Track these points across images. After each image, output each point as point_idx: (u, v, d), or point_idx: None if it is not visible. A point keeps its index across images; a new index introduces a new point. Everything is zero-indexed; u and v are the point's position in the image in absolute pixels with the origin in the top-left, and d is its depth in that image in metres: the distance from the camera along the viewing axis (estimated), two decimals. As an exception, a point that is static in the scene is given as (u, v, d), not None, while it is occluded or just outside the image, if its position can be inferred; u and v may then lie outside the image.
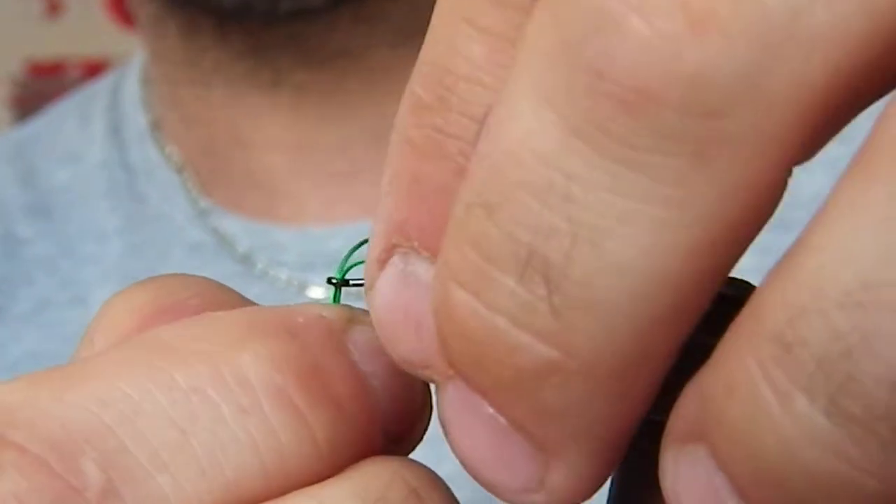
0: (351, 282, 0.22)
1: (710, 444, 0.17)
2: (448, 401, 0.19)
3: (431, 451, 0.23)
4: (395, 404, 0.21)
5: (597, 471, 0.19)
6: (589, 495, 0.19)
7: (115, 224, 0.60)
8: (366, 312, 0.21)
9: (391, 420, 0.21)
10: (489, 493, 0.19)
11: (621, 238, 0.16)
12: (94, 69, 1.41)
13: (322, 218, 0.57)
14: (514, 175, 0.17)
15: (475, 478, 0.19)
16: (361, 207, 0.56)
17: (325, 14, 0.54)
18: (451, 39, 0.19)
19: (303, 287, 0.57)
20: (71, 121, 0.65)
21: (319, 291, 0.57)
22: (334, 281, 0.23)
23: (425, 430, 0.22)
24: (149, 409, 0.19)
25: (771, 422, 0.16)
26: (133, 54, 0.67)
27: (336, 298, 0.23)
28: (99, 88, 0.66)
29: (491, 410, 0.18)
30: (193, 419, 0.19)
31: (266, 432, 0.19)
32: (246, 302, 0.22)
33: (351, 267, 0.23)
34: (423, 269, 0.19)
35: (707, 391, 0.17)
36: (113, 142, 0.62)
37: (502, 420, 0.18)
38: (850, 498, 0.16)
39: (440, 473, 0.21)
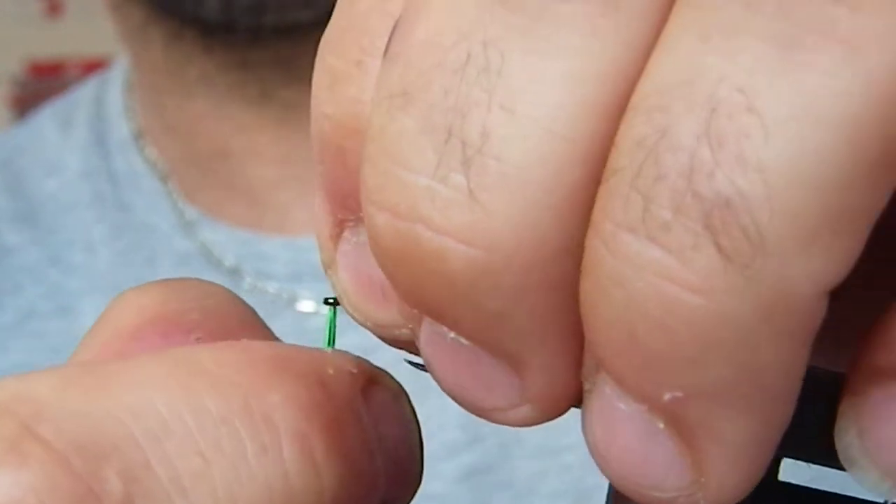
0: None
1: (592, 356, 0.17)
2: (423, 340, 0.19)
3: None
4: (396, 470, 0.21)
5: (567, 372, 0.18)
6: (570, 401, 0.19)
7: (101, 233, 0.60)
8: (384, 373, 0.21)
9: (391, 484, 0.21)
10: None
11: (533, 97, 0.16)
12: (93, 69, 1.40)
13: (308, 228, 0.57)
14: (432, 58, 0.17)
15: (467, 408, 0.19)
16: None
17: (312, 31, 0.53)
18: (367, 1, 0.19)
19: (292, 300, 0.56)
20: (52, 130, 0.64)
21: (308, 305, 0.56)
22: (331, 301, 0.22)
23: (412, 497, 0.22)
24: (177, 431, 0.18)
25: (609, 273, 0.16)
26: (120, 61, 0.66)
27: (332, 318, 0.23)
28: (80, 96, 0.66)
29: (452, 334, 0.18)
30: (218, 449, 0.19)
31: (281, 476, 0.19)
32: (255, 318, 0.22)
33: None
34: None
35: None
36: (97, 151, 0.62)
37: (463, 340, 0.18)
38: (683, 322, 0.15)
39: (444, 439, 0.22)
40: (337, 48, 0.19)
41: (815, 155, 0.15)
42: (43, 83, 1.54)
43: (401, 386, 0.21)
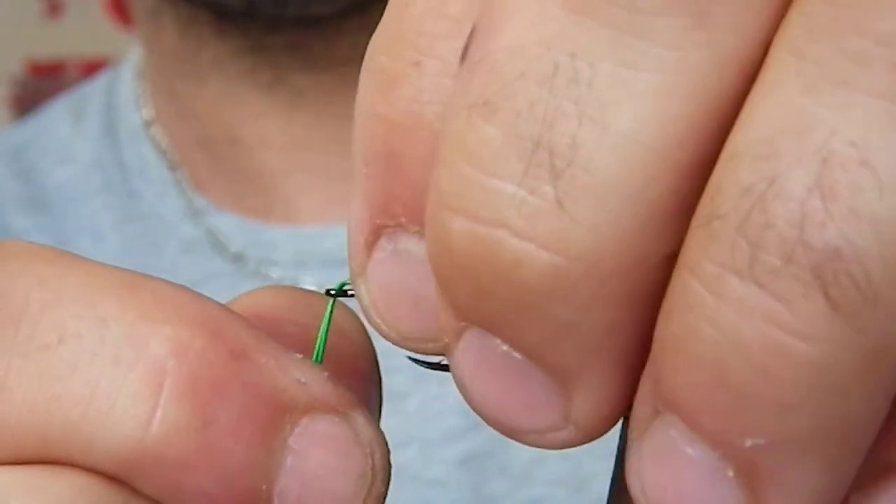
0: (349, 292, 0.22)
1: (661, 398, 0.17)
2: (461, 357, 0.19)
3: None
4: None
5: (617, 394, 0.18)
6: (612, 423, 0.19)
7: (109, 220, 0.60)
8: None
9: None
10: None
11: (625, 111, 0.16)
12: (93, 69, 1.41)
13: (315, 218, 0.57)
14: (517, 68, 0.17)
15: (500, 429, 0.19)
16: None
17: (331, 22, 0.54)
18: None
19: (294, 285, 0.57)
20: (64, 122, 0.64)
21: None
22: (332, 292, 0.22)
23: None
24: None
25: (707, 313, 0.16)
26: (131, 54, 0.67)
27: (330, 311, 0.22)
28: (93, 88, 0.66)
29: (505, 347, 0.18)
30: None
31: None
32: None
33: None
34: (413, 245, 0.19)
35: (653, 352, 0.17)
36: (108, 141, 0.62)
37: (517, 355, 0.18)
38: (785, 367, 0.16)
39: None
40: (391, 49, 0.19)
41: None
42: (43, 83, 1.54)
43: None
